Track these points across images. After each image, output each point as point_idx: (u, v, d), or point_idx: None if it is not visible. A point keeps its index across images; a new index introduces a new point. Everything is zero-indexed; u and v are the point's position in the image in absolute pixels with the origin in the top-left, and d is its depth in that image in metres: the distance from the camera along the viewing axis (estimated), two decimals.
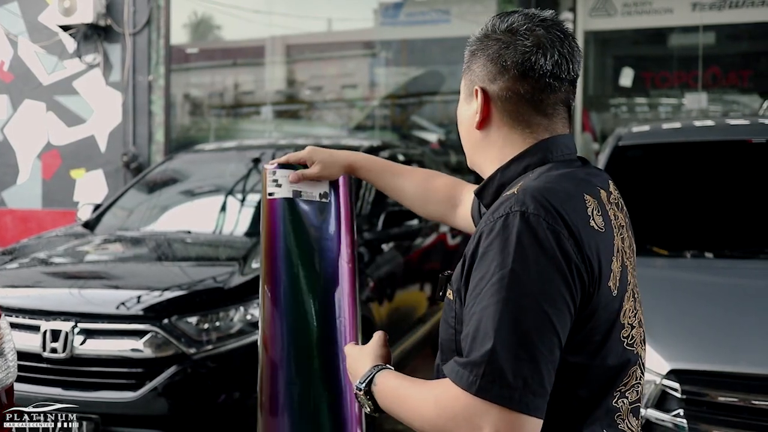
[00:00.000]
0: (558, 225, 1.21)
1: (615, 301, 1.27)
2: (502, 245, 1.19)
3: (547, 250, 1.18)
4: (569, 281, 1.19)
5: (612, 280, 1.27)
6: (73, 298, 3.54)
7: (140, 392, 3.25)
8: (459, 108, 1.49)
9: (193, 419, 3.28)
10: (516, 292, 1.15)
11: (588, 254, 1.22)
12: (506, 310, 1.14)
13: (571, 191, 1.28)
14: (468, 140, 1.47)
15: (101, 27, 8.50)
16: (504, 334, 1.13)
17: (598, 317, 1.24)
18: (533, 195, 1.24)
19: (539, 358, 1.13)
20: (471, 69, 1.43)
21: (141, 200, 4.93)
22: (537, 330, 1.14)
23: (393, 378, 1.36)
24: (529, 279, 1.16)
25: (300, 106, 9.92)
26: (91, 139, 8.68)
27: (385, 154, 5.02)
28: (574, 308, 1.20)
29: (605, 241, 1.27)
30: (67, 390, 3.31)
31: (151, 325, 3.31)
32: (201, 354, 3.31)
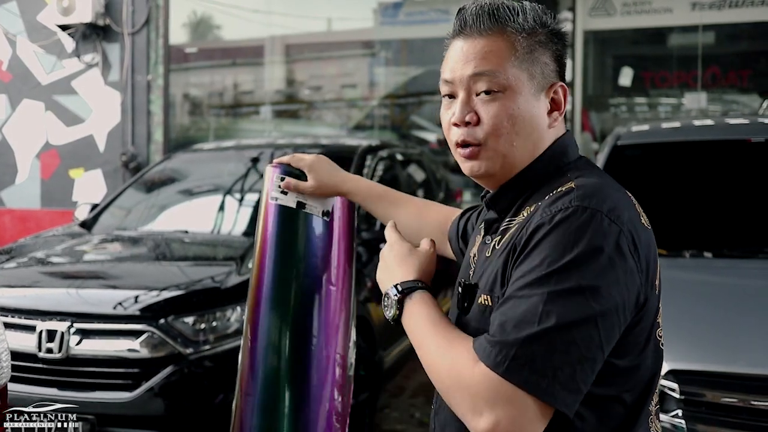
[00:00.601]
0: (622, 226, 1.14)
1: (657, 299, 1.23)
2: (560, 238, 1.12)
3: (608, 252, 1.12)
4: (625, 286, 1.13)
5: (658, 278, 1.23)
6: (69, 298, 3.52)
7: (136, 393, 3.23)
8: (514, 102, 1.27)
9: (189, 420, 3.26)
10: (568, 288, 1.09)
11: (645, 255, 1.18)
12: (555, 303, 1.08)
13: (621, 189, 1.24)
14: (528, 139, 1.29)
15: (100, 26, 8.49)
16: (546, 325, 1.07)
17: (647, 318, 1.20)
18: (596, 192, 1.17)
19: (576, 355, 1.08)
20: (542, 61, 1.29)
21: (138, 200, 4.91)
22: (581, 331, 1.08)
23: (426, 308, 1.26)
24: (584, 278, 1.10)
25: (299, 105, 9.91)
26: (89, 138, 8.66)
27: (383, 153, 5.01)
28: (626, 314, 1.14)
29: (652, 238, 1.23)
30: (63, 390, 3.29)
31: (147, 325, 3.29)
32: (197, 354, 3.29)
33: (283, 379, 1.58)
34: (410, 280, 1.31)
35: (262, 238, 1.66)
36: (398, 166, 5.29)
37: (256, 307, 1.64)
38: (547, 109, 1.30)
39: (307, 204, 1.64)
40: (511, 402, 1.07)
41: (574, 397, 1.08)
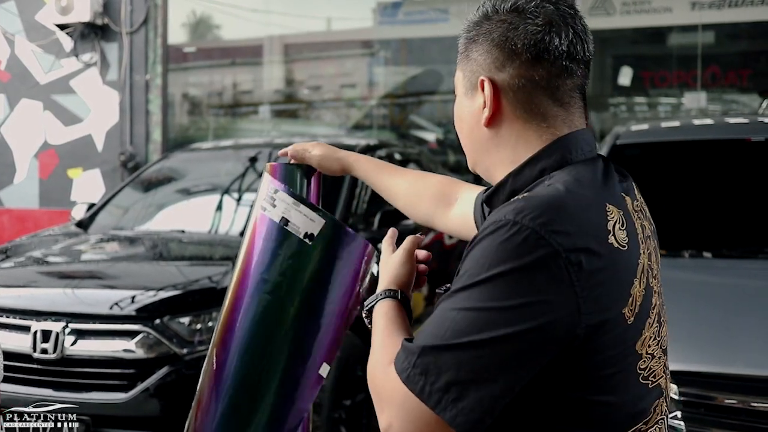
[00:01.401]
0: (557, 245, 1.04)
1: (630, 329, 1.11)
2: (483, 252, 1.07)
3: (529, 273, 1.04)
4: (547, 312, 1.03)
5: (630, 306, 1.10)
6: (64, 298, 3.50)
7: (131, 393, 3.21)
8: (458, 104, 1.29)
9: (184, 420, 3.24)
10: (476, 307, 1.04)
11: (598, 280, 1.06)
12: (460, 319, 1.05)
13: (590, 201, 1.12)
14: (472, 140, 1.27)
15: (98, 26, 8.47)
16: (446, 341, 1.04)
17: (606, 349, 1.08)
18: (538, 205, 1.07)
19: (468, 375, 1.03)
20: (471, 58, 1.24)
21: (135, 199, 4.89)
22: (478, 352, 1.03)
23: (383, 315, 1.26)
24: (494, 298, 1.04)
25: (298, 105, 9.89)
26: (88, 138, 8.64)
27: (381, 152, 4.99)
28: (546, 343, 1.04)
29: (627, 260, 1.11)
30: (58, 391, 3.27)
31: (142, 325, 3.27)
32: (193, 355, 3.27)
33: (262, 397, 1.53)
34: (375, 294, 1.33)
35: (247, 246, 1.62)
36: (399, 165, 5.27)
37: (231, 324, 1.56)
38: (481, 107, 1.23)
39: (292, 222, 1.55)
40: (404, 407, 1.06)
41: (465, 417, 1.03)
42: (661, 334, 1.20)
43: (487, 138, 1.24)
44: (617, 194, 1.18)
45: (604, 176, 1.19)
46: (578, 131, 1.22)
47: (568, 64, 1.20)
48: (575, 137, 1.21)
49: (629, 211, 1.17)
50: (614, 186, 1.19)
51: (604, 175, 1.19)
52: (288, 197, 1.57)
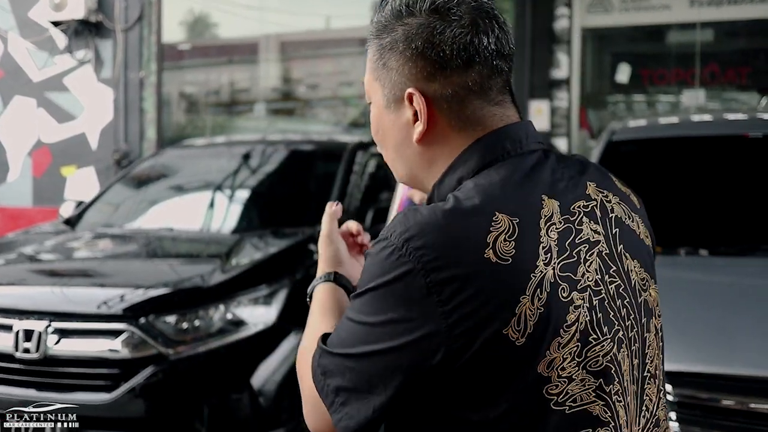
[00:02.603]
0: (415, 263, 1.00)
1: (522, 350, 1.01)
2: (365, 266, 1.07)
3: (384, 290, 1.02)
4: (403, 330, 1.01)
5: (514, 326, 1.00)
6: (47, 297, 3.43)
7: (116, 394, 3.14)
8: (377, 117, 1.19)
9: (170, 421, 3.18)
10: (347, 317, 1.07)
11: (463, 298, 0.99)
12: (339, 326, 1.09)
13: (475, 211, 1.04)
14: (400, 156, 1.18)
15: (92, 23, 8.41)
16: (338, 347, 1.07)
17: (486, 370, 1.01)
18: (408, 221, 1.03)
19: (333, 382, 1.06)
20: (390, 67, 1.14)
21: (125, 197, 4.82)
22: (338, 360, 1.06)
23: (316, 300, 1.27)
24: (358, 311, 1.05)
25: (295, 103, 9.83)
26: (82, 136, 8.58)
27: (375, 149, 4.92)
28: (402, 360, 1.02)
29: (508, 276, 1.01)
30: (41, 391, 3.20)
31: (127, 324, 3.20)
32: (179, 354, 3.20)
33: None
34: (318, 276, 1.32)
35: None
36: None
37: None
38: (410, 121, 1.14)
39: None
40: (312, 398, 1.10)
41: (346, 423, 1.06)
42: (602, 354, 1.07)
43: (419, 153, 1.16)
44: (534, 196, 1.08)
45: (526, 176, 1.10)
46: (507, 126, 1.14)
47: (498, 62, 1.13)
48: (499, 134, 1.13)
49: (549, 215, 1.07)
50: (536, 186, 1.09)
51: (527, 174, 1.10)
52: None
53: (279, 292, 3.43)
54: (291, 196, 4.56)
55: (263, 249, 3.76)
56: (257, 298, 3.38)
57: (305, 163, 4.90)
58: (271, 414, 3.26)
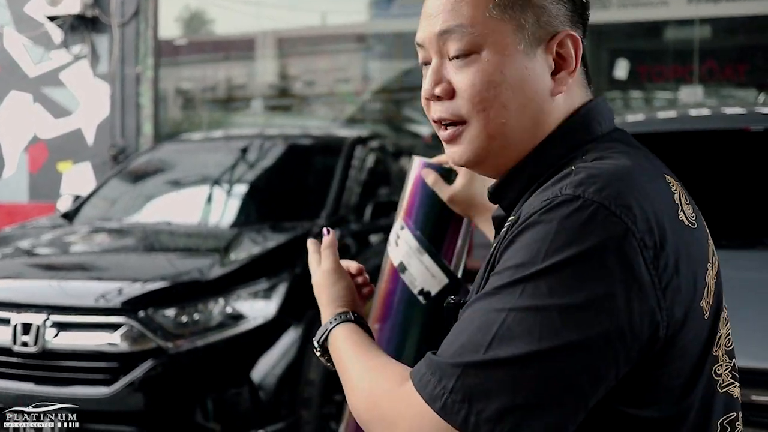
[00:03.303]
0: (630, 224, 0.82)
1: (706, 326, 0.89)
2: (538, 236, 0.83)
3: (601, 258, 0.81)
4: (626, 310, 0.81)
5: (706, 297, 0.89)
6: (45, 290, 3.41)
7: (115, 387, 3.12)
8: (498, 66, 0.95)
9: (169, 415, 3.16)
10: (536, 306, 0.81)
11: (674, 265, 0.85)
12: (515, 324, 0.80)
13: (651, 171, 0.91)
14: (522, 114, 0.96)
15: (88, 18, 8.38)
16: (499, 353, 0.79)
17: (683, 352, 0.86)
18: (601, 176, 0.86)
19: (532, 397, 0.78)
20: (534, 5, 0.95)
21: (122, 191, 4.80)
22: (544, 365, 0.79)
23: (346, 340, 1.05)
24: (561, 293, 0.80)
25: (292, 99, 9.81)
26: (78, 131, 8.55)
27: (373, 144, 4.91)
28: (626, 348, 0.81)
29: (698, 241, 0.90)
30: (39, 385, 3.18)
31: (126, 317, 3.18)
32: (178, 348, 3.18)
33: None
34: (324, 324, 1.12)
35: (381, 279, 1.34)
36: (389, 158, 5.19)
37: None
38: (550, 69, 0.96)
39: (407, 271, 1.28)
40: None
41: None
42: (730, 331, 0.98)
43: (539, 113, 0.97)
44: (665, 166, 0.98)
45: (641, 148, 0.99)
46: (600, 98, 1.02)
47: (586, 24, 1.03)
48: (598, 105, 1.00)
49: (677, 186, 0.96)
50: (655, 158, 0.99)
51: (639, 146, 0.99)
52: (413, 240, 1.28)
53: (279, 286, 3.42)
54: (289, 190, 4.55)
55: (262, 243, 3.75)
56: (257, 292, 3.37)
57: (304, 157, 4.89)
58: (271, 408, 3.25)
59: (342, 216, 4.15)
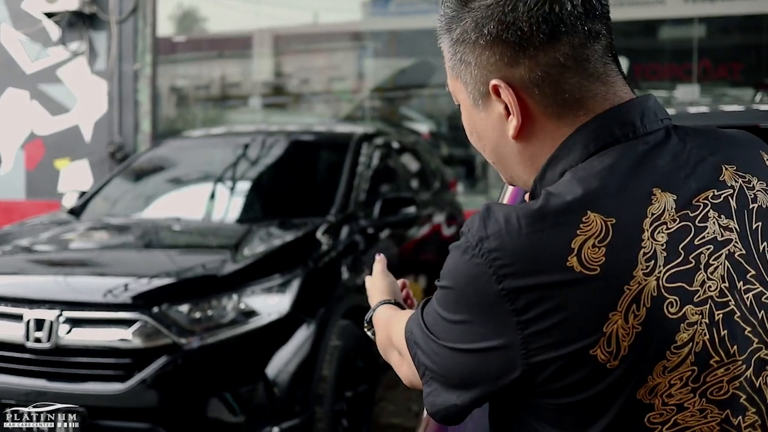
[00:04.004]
0: (487, 267, 0.91)
1: (616, 374, 0.89)
2: (446, 263, 0.99)
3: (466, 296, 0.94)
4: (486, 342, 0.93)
5: (603, 346, 0.88)
6: (58, 286, 3.39)
7: (129, 384, 3.11)
8: (467, 118, 1.07)
9: (184, 412, 3.15)
10: (437, 311, 1.01)
11: (541, 311, 0.89)
12: (430, 316, 1.02)
13: (565, 209, 0.91)
14: (500, 157, 1.06)
15: (86, 14, 8.34)
16: (427, 328, 1.03)
17: (570, 393, 0.91)
18: (484, 217, 0.94)
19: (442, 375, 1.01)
20: (466, 61, 1.01)
21: (127, 187, 4.78)
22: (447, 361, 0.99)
23: (385, 311, 1.35)
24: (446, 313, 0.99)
25: (289, 97, 9.79)
26: (75, 128, 8.51)
27: (379, 141, 4.91)
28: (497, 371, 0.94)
29: (595, 289, 0.88)
30: (52, 382, 3.17)
31: (140, 313, 3.16)
32: (192, 344, 3.17)
33: None
34: (375, 304, 1.40)
35: None
36: (394, 154, 5.19)
37: None
38: (505, 115, 1.00)
39: None
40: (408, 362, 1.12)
41: (431, 401, 1.03)
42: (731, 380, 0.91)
43: (519, 151, 1.02)
44: (641, 190, 0.93)
45: (635, 165, 0.94)
46: (612, 109, 0.98)
47: (589, 26, 0.97)
48: (606, 118, 0.98)
49: (659, 212, 0.92)
50: (647, 177, 0.94)
51: (637, 162, 0.94)
52: None
53: (292, 282, 3.41)
54: (297, 186, 4.54)
55: (273, 239, 3.74)
56: (270, 288, 3.36)
57: (310, 153, 4.88)
58: (285, 404, 3.24)
59: (351, 212, 4.14)
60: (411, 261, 4.85)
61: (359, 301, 3.87)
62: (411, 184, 5.35)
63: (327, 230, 3.88)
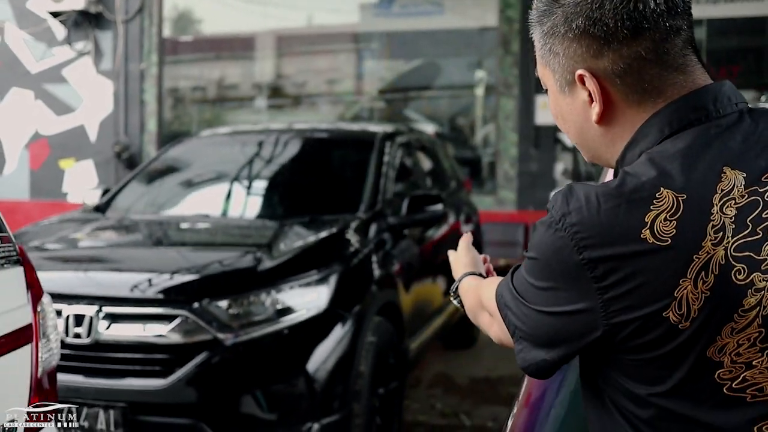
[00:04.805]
0: (571, 240, 1.01)
1: (686, 333, 0.99)
2: (532, 236, 1.11)
3: (550, 264, 1.05)
4: (569, 306, 1.05)
5: (675, 309, 0.98)
6: (96, 282, 3.37)
7: (170, 380, 3.08)
8: (554, 103, 1.19)
9: (225, 407, 3.13)
10: (525, 278, 1.12)
11: (617, 278, 1.00)
12: (518, 281, 1.14)
13: (639, 187, 1.00)
14: (584, 139, 1.16)
15: (92, 14, 8.32)
16: (517, 291, 1.14)
17: (647, 350, 1.01)
18: (566, 195, 1.04)
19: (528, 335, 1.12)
20: (555, 52, 1.12)
21: (151, 185, 4.76)
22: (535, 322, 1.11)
23: (471, 280, 1.46)
24: (534, 282, 1.10)
25: (293, 99, 9.78)
26: (80, 128, 8.47)
27: (401, 139, 4.90)
28: (580, 332, 1.05)
29: (666, 258, 0.97)
30: (91, 377, 3.14)
31: (180, 309, 3.14)
32: (233, 340, 3.15)
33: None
34: (460, 276, 1.52)
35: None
36: (414, 152, 5.19)
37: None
38: (588, 101, 1.11)
39: None
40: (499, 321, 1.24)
41: (521, 357, 1.14)
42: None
43: (601, 134, 1.13)
44: (712, 168, 1.01)
45: (707, 145, 1.03)
46: (688, 95, 1.07)
47: (671, 23, 1.06)
48: (681, 103, 1.07)
49: (728, 188, 1.00)
50: (718, 157, 1.02)
51: (709, 143, 1.03)
52: None
53: (329, 278, 3.39)
54: (325, 184, 4.53)
55: (307, 236, 3.73)
56: (308, 283, 3.35)
57: (336, 151, 4.88)
58: (324, 401, 3.23)
59: (379, 210, 4.14)
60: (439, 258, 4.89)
61: (391, 297, 3.87)
62: (430, 182, 5.36)
63: (358, 227, 3.88)
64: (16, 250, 2.13)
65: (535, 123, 7.74)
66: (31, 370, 2.08)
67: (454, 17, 9.06)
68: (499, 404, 4.73)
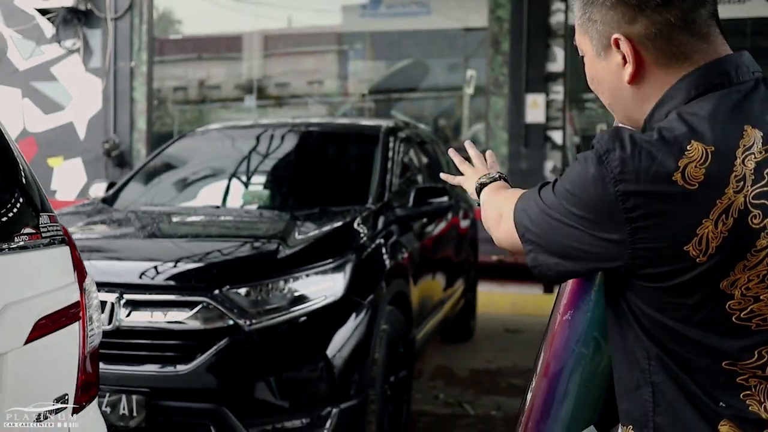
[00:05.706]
0: (610, 173, 1.14)
1: (704, 267, 1.12)
2: (572, 165, 1.23)
3: (589, 196, 1.17)
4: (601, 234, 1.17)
5: (695, 245, 1.11)
6: (117, 269, 3.38)
7: (191, 365, 3.11)
8: (590, 67, 1.32)
9: (246, 392, 3.16)
10: (559, 198, 1.23)
11: (647, 212, 1.12)
12: (547, 194, 1.26)
13: (674, 139, 1.14)
14: (617, 99, 1.30)
15: (81, 11, 8.30)
16: (543, 204, 1.26)
17: (666, 279, 1.15)
18: (612, 134, 1.17)
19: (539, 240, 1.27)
20: (593, 20, 1.26)
21: (158, 178, 4.77)
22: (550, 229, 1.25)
23: (500, 187, 1.60)
24: (567, 206, 1.21)
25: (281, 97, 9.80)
26: (69, 126, 8.44)
27: (403, 134, 4.96)
28: (600, 254, 1.19)
29: (693, 200, 1.11)
30: (113, 364, 3.15)
31: (201, 295, 3.17)
32: (254, 326, 3.19)
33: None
34: (492, 173, 1.65)
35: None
36: (417, 146, 5.26)
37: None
38: (622, 64, 1.25)
39: None
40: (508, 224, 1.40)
41: (530, 257, 1.29)
42: None
43: (632, 94, 1.27)
44: (736, 126, 1.15)
45: (732, 108, 1.17)
46: (713, 62, 1.21)
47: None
48: (706, 69, 1.21)
49: (749, 144, 1.14)
50: (740, 117, 1.16)
51: (733, 106, 1.17)
52: None
53: (345, 266, 3.44)
54: (332, 176, 4.58)
55: (321, 225, 3.77)
56: (324, 271, 3.39)
57: (342, 145, 4.93)
58: (343, 386, 3.27)
59: (387, 201, 4.19)
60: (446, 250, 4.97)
61: (401, 287, 3.92)
62: (429, 176, 5.42)
63: (367, 218, 3.93)
64: (61, 230, 2.16)
65: (525, 121, 7.84)
66: (78, 349, 2.10)
67: (441, 18, 9.15)
68: (500, 394, 4.80)
